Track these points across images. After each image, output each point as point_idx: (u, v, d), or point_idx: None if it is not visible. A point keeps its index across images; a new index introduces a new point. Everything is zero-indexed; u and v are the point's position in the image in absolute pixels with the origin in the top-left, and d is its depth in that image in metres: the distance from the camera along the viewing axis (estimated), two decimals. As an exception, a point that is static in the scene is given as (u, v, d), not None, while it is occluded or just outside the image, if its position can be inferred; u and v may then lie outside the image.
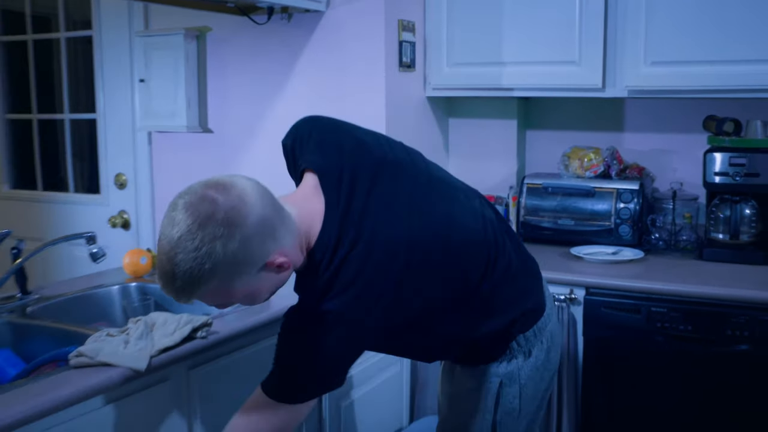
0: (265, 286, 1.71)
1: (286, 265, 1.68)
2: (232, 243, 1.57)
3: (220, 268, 1.57)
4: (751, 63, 3.04)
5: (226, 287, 1.63)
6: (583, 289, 3.04)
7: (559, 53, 3.36)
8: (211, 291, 1.62)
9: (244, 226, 1.58)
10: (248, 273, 1.64)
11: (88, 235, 2.69)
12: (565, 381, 3.04)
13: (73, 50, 4.40)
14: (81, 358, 2.00)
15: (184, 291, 1.60)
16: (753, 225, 3.25)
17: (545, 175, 3.69)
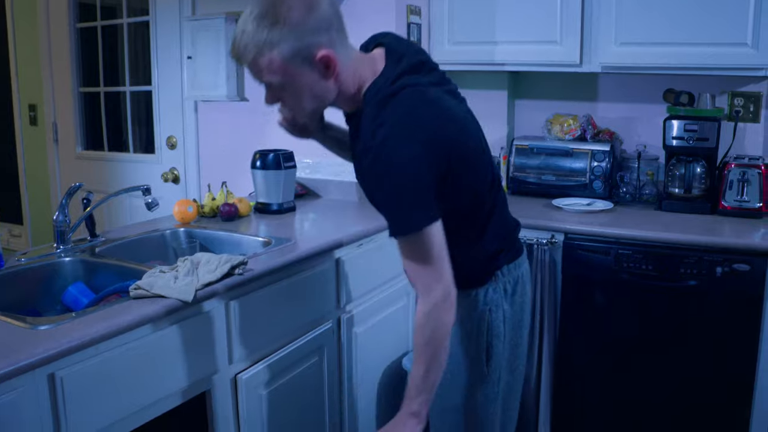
0: (309, 84, 1.69)
1: (333, 64, 1.67)
2: (294, 12, 1.60)
3: (278, 33, 1.60)
4: (701, 45, 3.01)
5: (278, 61, 1.63)
6: (562, 235, 3.03)
7: (544, 34, 3.32)
8: (267, 60, 1.64)
9: (309, 8, 1.62)
10: (299, 55, 1.64)
11: (144, 187, 2.69)
12: (546, 312, 3.04)
13: (133, 33, 4.38)
14: (139, 290, 2.01)
15: (250, 42, 1.63)
16: (703, 181, 3.22)
17: (531, 138, 3.66)
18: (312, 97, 1.73)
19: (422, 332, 1.73)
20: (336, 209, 3.33)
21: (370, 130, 1.68)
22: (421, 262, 1.70)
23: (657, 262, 2.85)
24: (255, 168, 3.15)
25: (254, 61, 1.66)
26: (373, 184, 1.71)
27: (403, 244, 1.71)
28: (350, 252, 2.77)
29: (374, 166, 1.66)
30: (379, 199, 1.71)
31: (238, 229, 2.90)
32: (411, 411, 1.77)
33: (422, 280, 1.73)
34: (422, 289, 1.73)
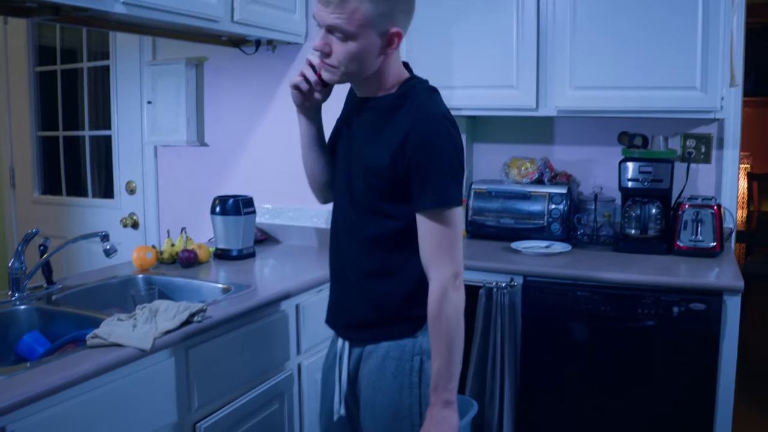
0: (368, 50, 1.78)
1: (395, 45, 1.80)
2: None
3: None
4: (653, 89, 3.09)
5: (362, 13, 1.72)
6: (521, 277, 3.05)
7: (500, 79, 3.38)
8: (353, 7, 1.72)
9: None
10: (380, 21, 1.75)
11: (103, 234, 2.67)
12: (507, 354, 3.05)
13: (93, 77, 4.37)
14: (96, 339, 1.99)
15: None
16: (658, 222, 3.28)
17: (489, 181, 3.71)
18: (360, 61, 1.80)
19: (439, 317, 1.80)
20: (296, 255, 3.33)
21: (422, 111, 1.81)
22: (444, 239, 1.80)
23: (615, 302, 2.88)
24: (215, 214, 3.15)
25: (342, 2, 1.73)
26: (420, 151, 1.77)
27: (435, 217, 1.79)
28: (310, 298, 2.77)
29: (432, 140, 1.77)
30: (424, 167, 1.78)
31: (198, 275, 2.88)
32: (445, 400, 1.82)
33: (439, 258, 1.80)
34: (437, 269, 1.81)
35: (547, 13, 3.28)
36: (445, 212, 1.80)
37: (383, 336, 1.94)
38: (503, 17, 3.34)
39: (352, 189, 1.94)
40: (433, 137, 1.77)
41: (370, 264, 1.93)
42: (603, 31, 3.16)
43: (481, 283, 3.04)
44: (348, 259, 1.98)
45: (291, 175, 3.54)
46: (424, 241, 1.82)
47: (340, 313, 2.05)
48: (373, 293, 1.94)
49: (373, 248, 1.93)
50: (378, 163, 1.84)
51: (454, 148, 1.81)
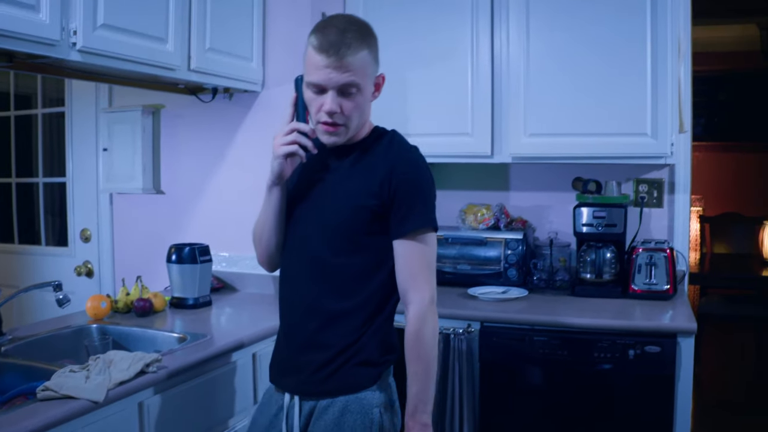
0: (367, 97, 1.92)
1: (380, 87, 1.96)
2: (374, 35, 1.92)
3: (374, 45, 1.91)
4: (605, 136, 3.17)
5: (369, 63, 1.88)
6: (478, 323, 3.05)
7: (456, 127, 3.42)
8: (363, 58, 1.84)
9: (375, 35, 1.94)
10: (375, 71, 1.92)
11: (56, 283, 2.64)
12: (466, 399, 3.04)
13: (48, 124, 4.33)
14: (47, 392, 1.95)
15: (354, 39, 1.82)
16: (613, 266, 3.33)
17: (446, 228, 3.69)
18: (362, 111, 1.92)
19: (417, 339, 1.87)
20: (253, 303, 3.32)
21: (402, 147, 1.98)
22: (423, 263, 1.90)
23: (572, 347, 2.90)
24: (170, 262, 3.13)
25: (354, 56, 1.82)
26: (406, 180, 1.89)
27: (418, 240, 1.89)
28: (267, 347, 2.74)
29: (416, 170, 1.92)
30: (411, 194, 1.89)
31: (153, 324, 2.85)
32: (423, 424, 1.87)
33: (420, 281, 1.89)
34: (417, 291, 1.88)
35: (501, 62, 3.34)
36: (428, 235, 1.91)
37: (341, 388, 1.91)
38: (458, 66, 3.39)
39: (326, 227, 1.94)
40: (419, 166, 1.93)
41: (338, 304, 1.92)
42: (555, 79, 3.23)
43: (439, 329, 3.03)
44: (309, 305, 1.96)
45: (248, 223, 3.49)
46: (405, 265, 1.90)
47: (291, 367, 2.00)
48: (336, 336, 1.92)
49: (344, 285, 1.93)
50: (365, 190, 1.90)
51: (432, 180, 1.95)
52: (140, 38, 2.72)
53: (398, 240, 1.90)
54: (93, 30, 2.49)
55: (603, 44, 3.15)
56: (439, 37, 3.43)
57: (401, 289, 1.92)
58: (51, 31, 2.34)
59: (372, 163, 1.93)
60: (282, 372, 2.04)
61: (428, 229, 1.91)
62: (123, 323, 2.85)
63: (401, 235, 1.89)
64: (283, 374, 2.03)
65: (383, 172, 1.89)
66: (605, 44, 3.14)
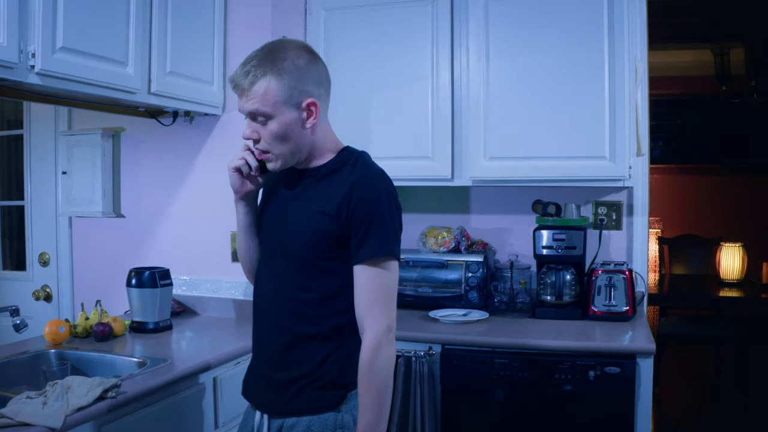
0: (290, 125, 1.87)
1: (315, 114, 1.89)
2: (303, 61, 1.86)
3: (281, 70, 1.82)
4: (565, 159, 3.21)
5: (273, 92, 1.83)
6: (439, 346, 3.06)
7: (417, 150, 3.44)
8: (264, 88, 1.82)
9: (310, 62, 1.89)
10: (291, 96, 1.84)
11: (13, 308, 2.61)
12: (428, 422, 3.03)
13: (6, 146, 4.29)
14: (3, 419, 1.92)
15: (255, 68, 1.83)
16: (573, 288, 3.37)
17: (407, 251, 3.70)
18: (286, 139, 1.89)
19: (370, 369, 1.84)
20: (213, 327, 3.30)
21: (364, 169, 1.94)
22: (382, 290, 1.87)
23: (533, 368, 2.92)
24: (130, 286, 3.11)
25: (251, 87, 1.84)
26: (364, 204, 1.86)
27: (376, 267, 1.86)
28: (228, 370, 2.74)
29: (371, 186, 1.89)
30: (368, 219, 1.85)
31: (113, 349, 2.82)
32: None
33: (376, 309, 1.85)
34: (373, 319, 1.85)
35: (461, 86, 3.38)
36: (386, 263, 1.87)
37: (305, 408, 1.92)
38: (419, 89, 3.43)
39: (288, 252, 1.96)
40: (378, 190, 1.89)
41: (302, 327, 1.93)
42: (515, 103, 3.28)
43: (400, 352, 3.03)
44: (275, 325, 1.98)
45: (209, 247, 3.53)
46: (362, 292, 1.87)
47: (262, 384, 2.02)
48: (301, 358, 1.93)
49: (307, 309, 1.94)
50: (324, 215, 1.89)
51: (395, 204, 1.93)
52: (100, 61, 2.71)
53: (356, 266, 1.88)
54: (52, 53, 2.47)
55: (561, 69, 3.20)
56: (401, 61, 3.46)
57: (358, 317, 1.89)
58: (8, 53, 2.32)
59: (332, 187, 1.92)
60: (253, 388, 2.07)
61: (387, 257, 1.87)
62: (82, 348, 2.81)
63: (358, 261, 1.87)
64: (254, 390, 2.06)
65: (341, 195, 1.88)
66: (563, 69, 3.20)
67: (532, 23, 3.25)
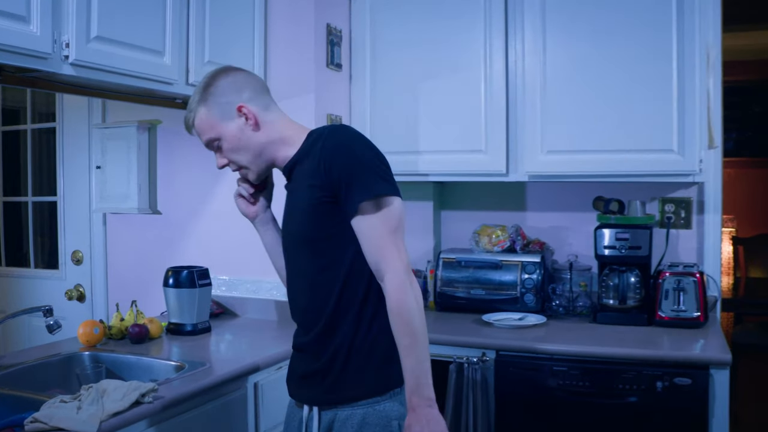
0: (237, 135, 2.10)
1: (251, 115, 2.09)
2: (224, 79, 2.11)
3: (205, 97, 2.10)
4: (628, 152, 3.19)
5: (206, 117, 2.10)
6: (493, 352, 3.06)
7: (468, 143, 3.45)
8: (200, 118, 2.11)
9: (227, 75, 2.13)
10: (222, 110, 2.09)
11: (46, 308, 2.66)
12: (480, 433, 3.06)
13: (38, 140, 4.38)
14: (36, 423, 1.97)
15: (192, 106, 2.13)
16: (637, 291, 3.33)
17: (458, 250, 3.75)
18: (241, 147, 2.12)
19: (401, 311, 1.91)
20: (254, 329, 3.33)
21: (328, 130, 2.06)
22: (385, 234, 1.95)
23: (594, 378, 2.91)
24: (167, 286, 3.16)
25: (194, 124, 2.15)
26: (336, 157, 1.96)
27: (371, 211, 1.95)
28: (269, 375, 2.77)
29: (337, 140, 2.00)
30: (345, 169, 1.95)
31: (149, 352, 2.87)
32: (428, 398, 1.90)
33: (387, 251, 1.94)
34: (388, 263, 1.94)
35: (516, 74, 3.38)
36: (380, 204, 1.95)
37: (357, 395, 2.00)
38: (471, 78, 3.44)
39: (299, 239, 2.11)
40: (347, 138, 2.02)
41: (330, 309, 2.03)
42: (574, 92, 3.26)
43: (452, 358, 3.06)
44: (309, 314, 2.10)
45: (249, 246, 3.53)
46: (367, 242, 1.97)
47: (308, 378, 2.10)
48: (340, 341, 2.02)
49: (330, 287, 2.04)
50: (312, 183, 2.00)
51: (368, 147, 2.03)
52: (136, 51, 2.76)
53: (354, 219, 1.97)
54: (86, 42, 2.52)
55: (625, 55, 3.18)
56: (451, 47, 3.47)
57: (372, 267, 1.98)
58: (42, 43, 2.37)
59: (311, 161, 2.03)
60: (297, 384, 2.17)
61: (377, 197, 1.95)
62: (117, 350, 2.86)
63: (352, 213, 1.96)
64: (299, 385, 2.15)
65: (317, 160, 1.99)
66: (627, 54, 3.18)
67: (593, 5, 3.23)
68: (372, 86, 3.66)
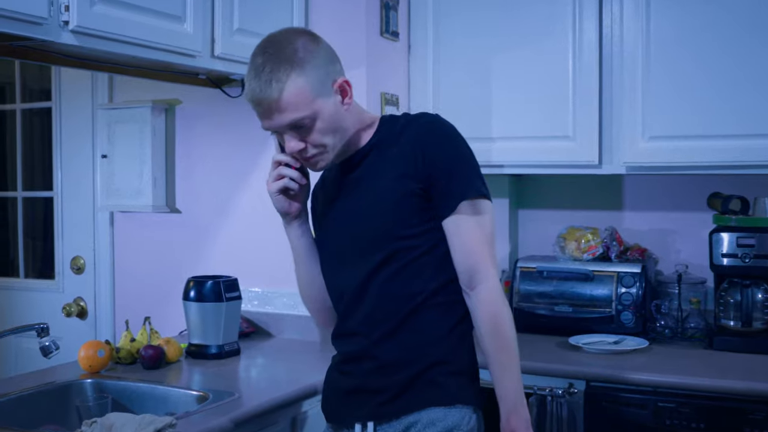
0: (333, 115, 2.07)
1: (349, 90, 2.11)
2: (313, 44, 2.08)
3: (300, 67, 2.01)
4: (756, 137, 3.11)
5: (307, 92, 2.02)
6: (583, 382, 3.02)
7: (552, 128, 3.43)
8: (295, 93, 2.00)
9: (316, 42, 2.10)
10: (323, 84, 2.05)
11: (39, 326, 2.67)
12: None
13: (29, 122, 4.41)
14: (29, 468, 1.97)
15: (274, 78, 2.00)
16: (766, 311, 3.26)
17: (540, 258, 3.71)
18: (336, 129, 2.10)
19: (494, 326, 2.06)
20: (292, 352, 3.34)
21: (421, 119, 2.18)
22: (482, 240, 2.09)
23: (712, 418, 2.84)
24: (188, 300, 3.16)
25: (281, 96, 2.01)
26: (437, 147, 2.09)
27: (468, 214, 2.07)
28: (310, 408, 2.76)
29: (438, 129, 2.14)
30: (448, 161, 2.08)
31: (165, 379, 2.88)
32: (526, 419, 2.06)
33: (486, 259, 2.08)
34: (484, 271, 2.07)
35: (612, 44, 3.34)
36: (480, 205, 2.09)
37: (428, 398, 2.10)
38: (556, 48, 3.43)
39: (367, 243, 2.15)
40: (447, 129, 2.15)
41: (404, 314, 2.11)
42: (684, 66, 3.21)
43: (532, 389, 3.01)
44: (376, 321, 2.15)
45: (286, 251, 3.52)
46: (462, 243, 2.09)
47: (361, 391, 2.19)
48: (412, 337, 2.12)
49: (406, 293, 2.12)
50: (405, 173, 2.09)
51: (466, 142, 2.15)
52: (151, 16, 2.75)
53: (448, 218, 2.08)
54: (91, 5, 2.50)
55: (749, 19, 3.11)
56: (531, 11, 3.46)
57: (462, 271, 2.09)
58: (36, 6, 2.34)
59: (394, 151, 2.13)
60: (344, 400, 2.25)
61: (479, 197, 2.08)
62: (126, 377, 2.87)
63: (450, 210, 2.07)
64: (346, 403, 2.24)
65: (410, 148, 2.09)
66: (752, 18, 3.10)
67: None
68: (435, 59, 3.65)
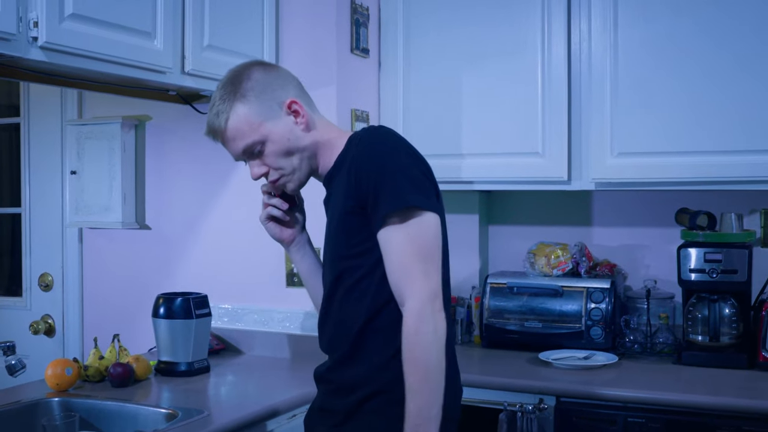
0: (286, 134, 2.12)
1: (300, 110, 2.14)
2: (262, 73, 2.14)
3: (245, 95, 2.09)
4: (724, 154, 3.14)
5: (253, 117, 2.09)
6: (553, 398, 3.03)
7: (522, 144, 3.44)
8: (242, 120, 2.09)
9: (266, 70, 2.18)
10: (268, 108, 2.11)
11: (6, 344, 2.65)
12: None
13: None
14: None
15: (223, 106, 2.10)
16: (733, 326, 3.28)
17: (510, 274, 3.73)
18: (290, 150, 2.14)
19: (415, 344, 1.95)
20: (263, 369, 3.32)
21: (363, 133, 2.16)
22: (411, 254, 1.98)
23: (679, 432, 2.86)
24: (158, 316, 3.14)
25: (228, 125, 2.10)
26: (365, 162, 2.04)
27: (398, 227, 1.99)
28: (280, 426, 2.75)
29: (368, 142, 2.09)
30: (374, 175, 2.01)
31: (134, 397, 2.85)
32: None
33: (411, 274, 1.98)
34: (410, 286, 1.97)
35: (581, 58, 3.37)
36: (411, 217, 1.99)
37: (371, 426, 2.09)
38: (525, 65, 3.44)
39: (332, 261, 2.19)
40: (377, 139, 2.11)
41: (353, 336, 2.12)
42: (653, 81, 3.24)
43: (502, 405, 3.03)
44: (333, 342, 2.19)
45: (257, 267, 3.54)
46: (391, 259, 2.01)
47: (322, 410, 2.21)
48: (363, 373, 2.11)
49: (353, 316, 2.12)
50: (346, 194, 2.08)
51: (406, 152, 2.09)
52: (120, 32, 2.74)
53: (379, 233, 2.01)
54: (59, 21, 2.50)
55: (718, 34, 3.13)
56: (500, 28, 3.48)
57: (394, 289, 2.02)
58: (4, 22, 2.33)
59: (344, 171, 2.12)
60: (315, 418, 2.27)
61: (408, 209, 1.99)
62: (94, 396, 2.85)
63: (379, 225, 2.00)
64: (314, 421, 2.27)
65: (349, 169, 2.08)
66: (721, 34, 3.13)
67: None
68: (405, 75, 3.66)
